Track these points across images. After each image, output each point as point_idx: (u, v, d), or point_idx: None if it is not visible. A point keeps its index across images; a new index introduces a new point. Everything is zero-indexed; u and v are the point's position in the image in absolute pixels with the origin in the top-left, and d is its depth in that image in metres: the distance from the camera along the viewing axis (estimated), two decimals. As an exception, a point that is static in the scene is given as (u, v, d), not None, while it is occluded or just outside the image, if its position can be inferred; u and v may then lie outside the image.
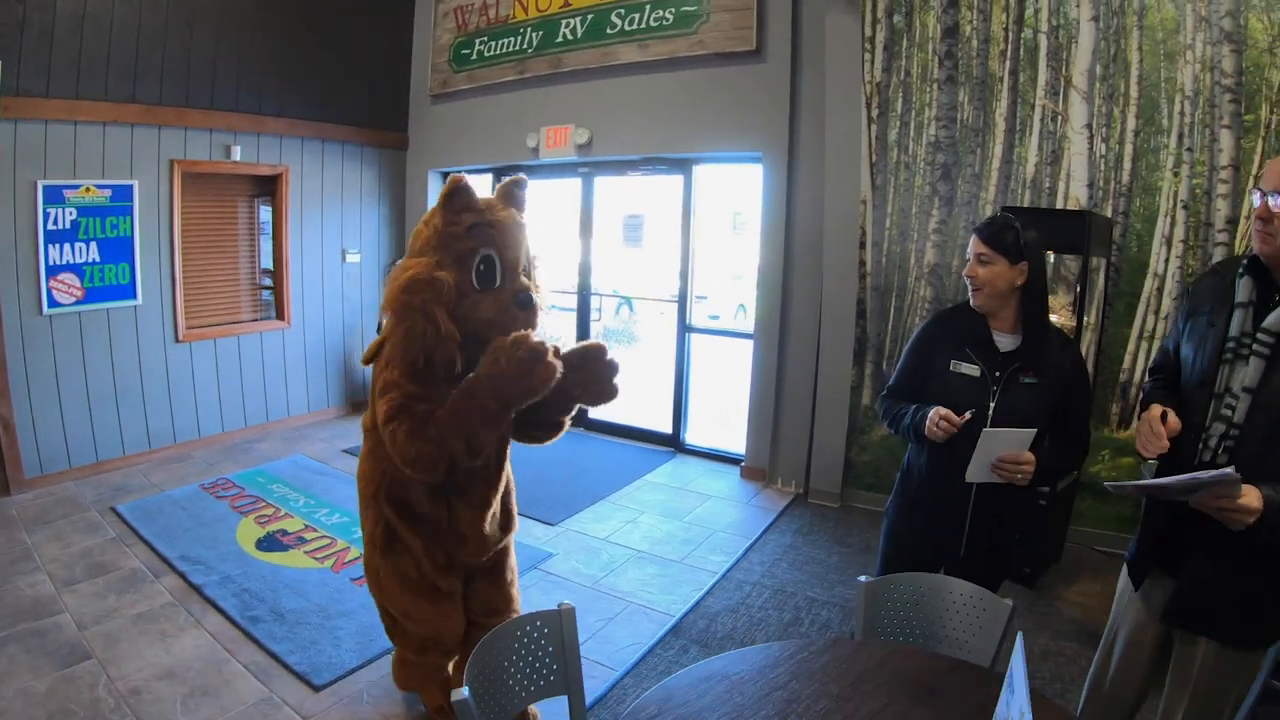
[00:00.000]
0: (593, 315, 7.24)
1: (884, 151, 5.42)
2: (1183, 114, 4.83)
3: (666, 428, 6.79)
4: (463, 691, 1.68)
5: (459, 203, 2.58)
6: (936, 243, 5.38)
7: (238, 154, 6.17)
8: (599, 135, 6.44)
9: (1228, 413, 1.97)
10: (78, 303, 5.39)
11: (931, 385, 2.55)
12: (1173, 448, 2.02)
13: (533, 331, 2.58)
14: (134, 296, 5.68)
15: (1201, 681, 2.11)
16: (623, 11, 6.08)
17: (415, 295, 2.44)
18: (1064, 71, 5.04)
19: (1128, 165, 4.98)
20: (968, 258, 2.51)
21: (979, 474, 2.39)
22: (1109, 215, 4.94)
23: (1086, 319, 4.70)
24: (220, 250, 6.37)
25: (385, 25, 7.16)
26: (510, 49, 6.66)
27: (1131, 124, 4.95)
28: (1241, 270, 2.02)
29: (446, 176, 7.44)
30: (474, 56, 6.88)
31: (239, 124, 6.15)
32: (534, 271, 2.78)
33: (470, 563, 2.91)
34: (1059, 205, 5.08)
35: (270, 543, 4.58)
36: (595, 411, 6.54)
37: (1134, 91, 4.93)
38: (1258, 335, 1.93)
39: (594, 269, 7.05)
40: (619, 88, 6.28)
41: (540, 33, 6.48)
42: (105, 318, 5.57)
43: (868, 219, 5.49)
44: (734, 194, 6.96)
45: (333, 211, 6.95)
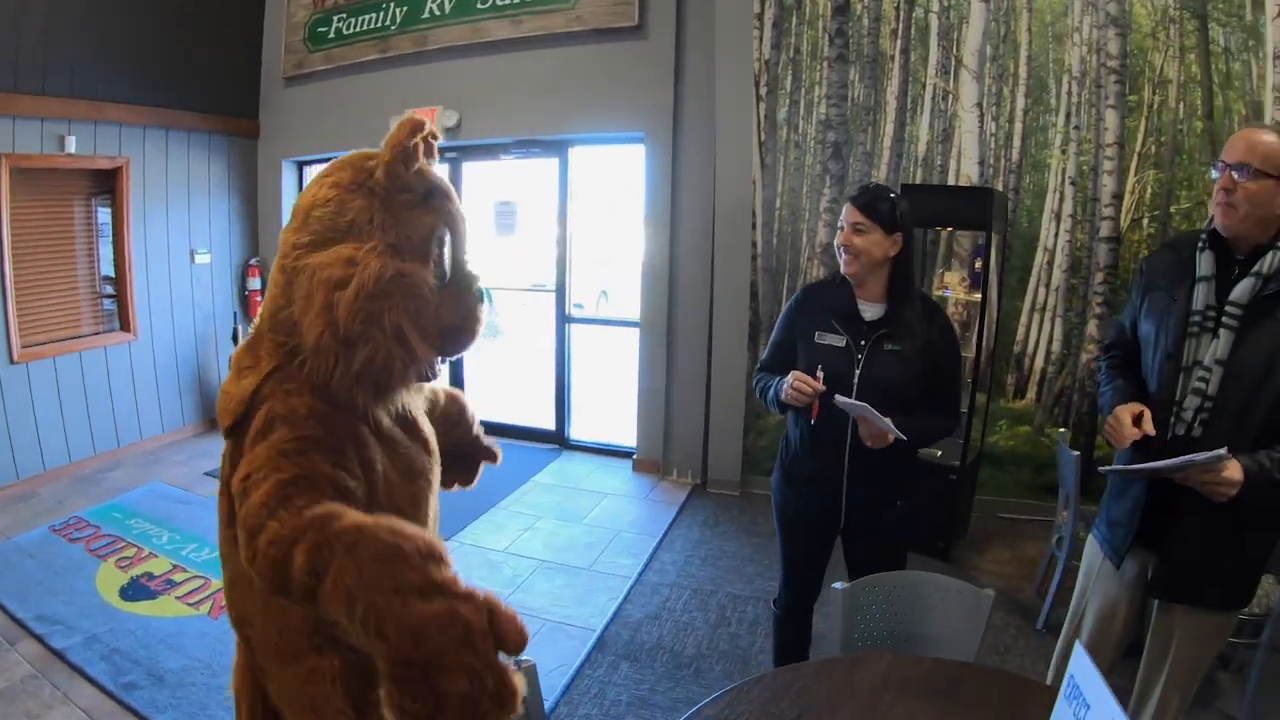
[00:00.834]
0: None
1: (773, 130, 5.25)
2: (1070, 94, 4.88)
3: (550, 424, 6.47)
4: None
5: (416, 159, 1.66)
6: (828, 221, 5.27)
7: (73, 145, 5.40)
8: (469, 117, 6.04)
9: (1201, 385, 1.99)
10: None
11: (800, 357, 2.55)
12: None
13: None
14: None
15: (1182, 647, 2.15)
16: (494, -16, 5.70)
17: (378, 303, 1.55)
18: (955, 51, 5.00)
19: (1017, 143, 5.00)
20: (841, 226, 2.48)
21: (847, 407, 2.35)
22: (992, 189, 4.92)
23: (988, 293, 4.70)
24: (56, 256, 5.60)
25: (235, 1, 6.54)
26: (371, 26, 6.16)
27: (1021, 103, 4.96)
28: (1202, 244, 2.06)
29: (302, 166, 6.94)
30: (332, 35, 6.34)
31: (74, 111, 5.39)
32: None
33: None
34: (950, 183, 5.06)
35: (136, 590, 4.04)
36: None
37: (1023, 72, 4.94)
38: (1225, 308, 1.97)
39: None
40: (490, 66, 5.88)
41: (404, 8, 6.02)
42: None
43: (757, 199, 5.33)
44: (606, 176, 6.61)
45: (179, 208, 6.25)
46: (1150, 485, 2.09)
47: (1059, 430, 4.39)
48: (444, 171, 6.12)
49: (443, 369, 1.82)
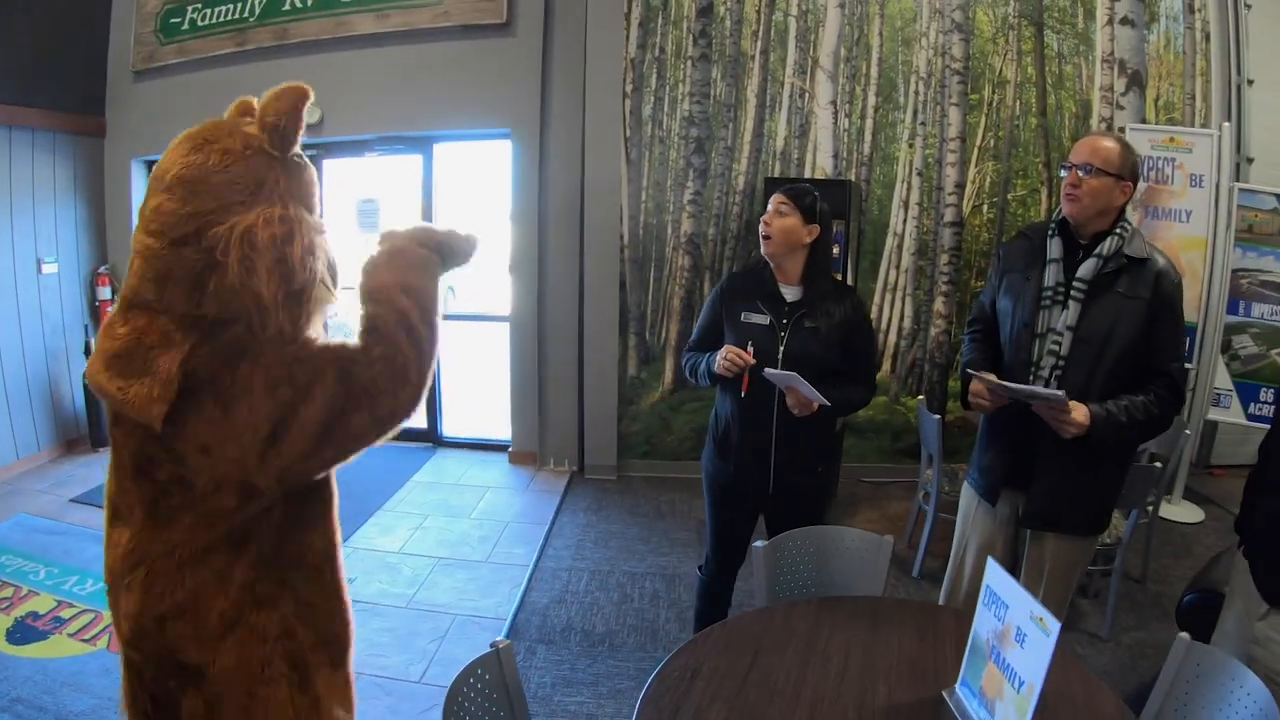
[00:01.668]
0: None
1: (639, 126, 5.45)
2: (917, 93, 5.36)
3: (421, 422, 6.36)
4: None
5: (303, 125, 1.73)
6: (692, 213, 5.53)
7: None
8: (331, 113, 5.85)
9: (1054, 348, 2.36)
10: None
11: (728, 336, 2.77)
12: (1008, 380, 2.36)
13: None
14: None
15: (1054, 570, 2.49)
16: (359, -22, 5.57)
17: (316, 255, 1.69)
18: (812, 52, 5.36)
19: (869, 138, 5.42)
20: (768, 209, 2.72)
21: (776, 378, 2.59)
22: (851, 181, 5.30)
23: (845, 276, 5.00)
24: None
25: None
26: (229, 18, 5.86)
27: (872, 101, 5.39)
28: (1051, 232, 2.43)
29: (152, 166, 6.59)
30: (186, 26, 5.98)
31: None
32: None
33: None
34: (807, 175, 5.43)
35: (23, 632, 3.74)
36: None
37: (874, 72, 5.37)
38: (1073, 284, 2.34)
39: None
40: (355, 61, 5.75)
41: (264, 0, 5.81)
42: None
43: (623, 193, 5.51)
44: (471, 172, 6.61)
45: (24, 213, 5.74)
46: (1014, 434, 2.44)
47: (919, 399, 4.79)
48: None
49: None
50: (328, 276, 1.74)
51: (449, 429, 6.44)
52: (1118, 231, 2.33)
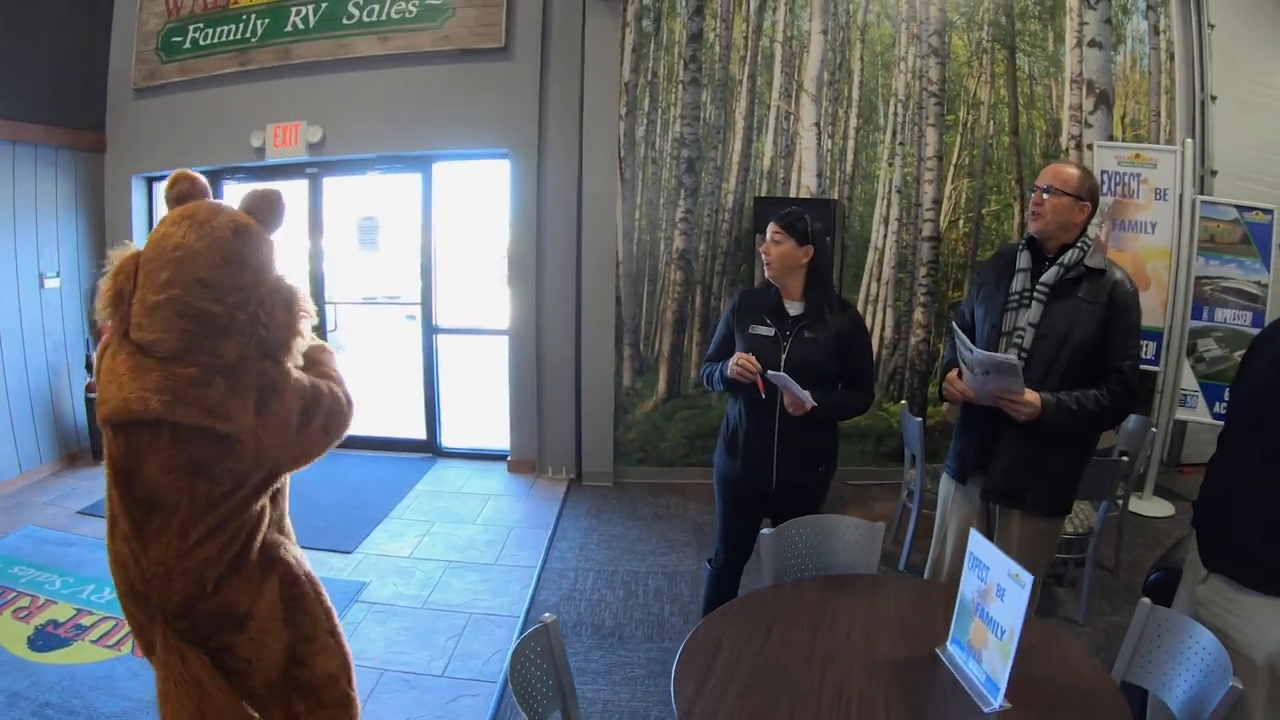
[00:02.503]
0: (329, 326, 6.75)
1: (632, 147, 5.66)
2: (896, 114, 5.64)
3: (420, 433, 6.56)
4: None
5: None
6: (684, 230, 5.74)
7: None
8: (333, 133, 6.05)
9: (1018, 342, 2.66)
10: None
11: (738, 347, 3.06)
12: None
13: None
14: None
15: (1021, 547, 2.71)
16: (361, 1, 5.75)
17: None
18: (796, 77, 5.63)
19: (850, 158, 5.68)
20: (766, 238, 3.01)
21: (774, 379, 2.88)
22: (835, 199, 5.60)
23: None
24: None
25: (79, 6, 6.10)
26: (231, 37, 6.01)
27: (854, 123, 5.65)
28: (1021, 246, 2.77)
29: (152, 182, 6.72)
30: (187, 45, 6.12)
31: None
32: None
33: None
34: (793, 194, 5.67)
35: (45, 639, 3.76)
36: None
37: (856, 95, 5.64)
38: (1036, 287, 2.66)
39: (327, 276, 6.58)
40: (356, 82, 5.93)
41: (266, 20, 5.92)
42: None
43: (618, 211, 5.70)
44: (470, 190, 6.75)
45: (26, 229, 5.81)
46: (982, 424, 2.74)
47: (901, 403, 5.03)
48: (305, 187, 6.15)
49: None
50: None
51: (448, 440, 6.59)
52: (1079, 245, 2.65)
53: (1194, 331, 5.39)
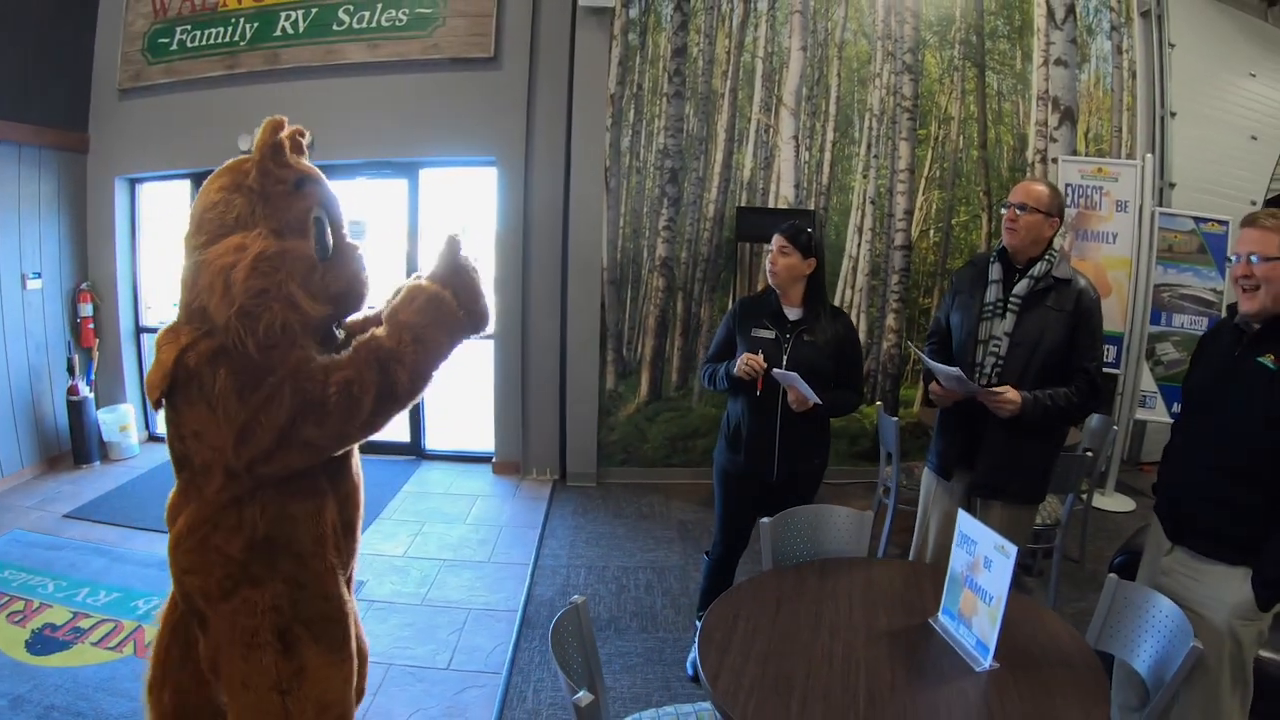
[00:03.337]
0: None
1: (617, 157, 5.80)
2: (871, 128, 5.87)
3: (404, 436, 6.63)
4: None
5: (282, 155, 2.03)
6: (666, 238, 5.90)
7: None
8: (321, 138, 6.04)
9: (995, 350, 2.89)
10: None
11: (740, 348, 3.27)
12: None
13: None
14: None
15: (1001, 533, 2.83)
16: (351, 8, 5.81)
17: (267, 277, 1.89)
18: (776, 91, 5.83)
19: (827, 170, 5.89)
20: (770, 248, 3.22)
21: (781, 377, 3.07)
22: (813, 210, 5.82)
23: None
24: None
25: (65, 5, 6.07)
26: (219, 40, 6.02)
27: (830, 136, 5.87)
28: (993, 259, 3.00)
29: (135, 184, 6.75)
30: (174, 47, 6.11)
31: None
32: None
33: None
34: (771, 204, 5.86)
35: (44, 643, 3.73)
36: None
37: (833, 109, 5.86)
38: (1009, 299, 2.89)
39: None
40: (345, 88, 5.99)
41: (255, 24, 5.95)
42: None
43: (603, 219, 5.84)
44: (457, 196, 6.82)
45: (8, 229, 5.77)
46: (964, 423, 2.96)
47: (876, 405, 5.21)
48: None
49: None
50: (304, 295, 1.97)
51: (432, 442, 6.66)
52: (1047, 257, 2.88)
53: (1153, 336, 5.69)
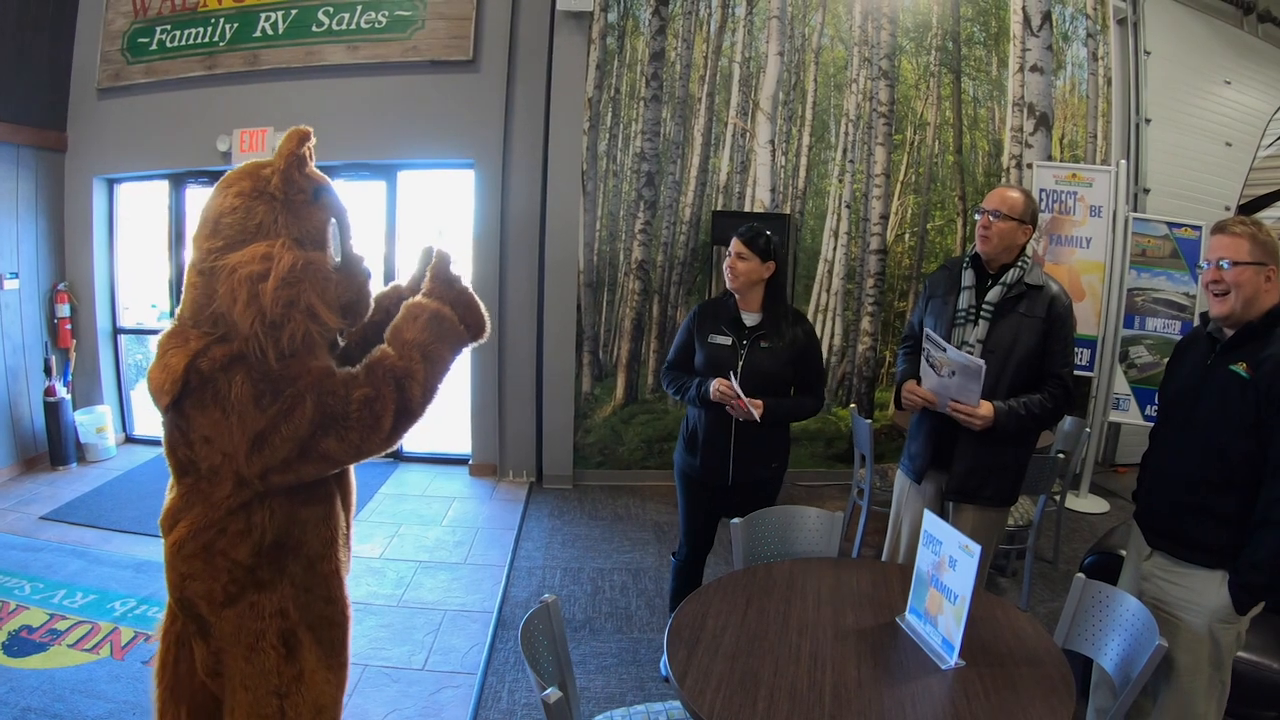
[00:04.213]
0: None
1: (594, 161, 5.82)
2: (847, 133, 5.92)
3: (380, 438, 6.56)
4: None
5: (306, 165, 2.02)
6: (643, 241, 5.93)
7: None
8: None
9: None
10: None
11: (697, 354, 3.25)
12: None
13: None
14: None
15: (974, 536, 2.88)
16: (330, 10, 5.80)
17: (293, 289, 1.87)
18: (753, 96, 5.87)
19: (803, 174, 5.94)
20: (729, 253, 3.15)
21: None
22: (788, 214, 5.84)
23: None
24: None
25: (44, 3, 5.98)
26: (199, 40, 5.99)
27: (806, 141, 5.91)
28: (966, 264, 3.00)
29: (114, 184, 6.72)
30: (154, 46, 6.08)
31: None
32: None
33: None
34: (748, 208, 5.90)
35: (19, 645, 3.70)
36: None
37: (809, 115, 5.91)
38: (982, 306, 2.90)
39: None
40: (325, 89, 5.98)
41: (235, 25, 5.93)
42: None
43: (579, 222, 5.86)
44: (434, 198, 6.80)
45: None
46: (936, 428, 2.97)
47: (850, 407, 5.26)
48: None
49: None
50: (323, 307, 1.96)
51: (408, 444, 6.57)
52: (1019, 264, 2.90)
53: (1126, 339, 5.77)
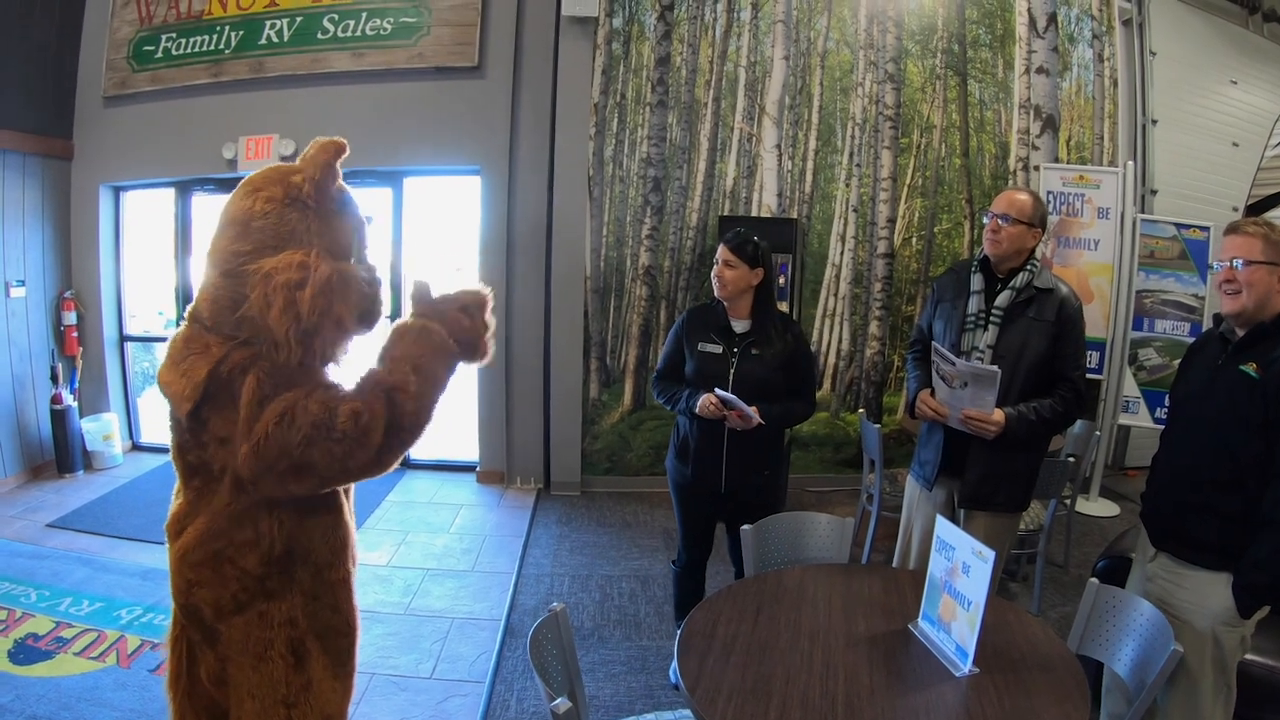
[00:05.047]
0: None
1: (600, 166, 5.81)
2: (853, 137, 5.90)
3: (388, 445, 6.54)
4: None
5: (338, 176, 2.06)
6: (649, 247, 5.91)
7: None
8: (306, 146, 6.00)
9: (979, 361, 2.82)
10: None
11: (688, 362, 3.22)
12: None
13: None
14: None
15: (987, 542, 2.85)
16: (336, 17, 5.81)
17: (327, 298, 1.89)
18: (759, 100, 5.86)
19: (809, 178, 5.92)
20: (716, 261, 3.13)
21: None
22: (795, 218, 5.81)
23: (791, 304, 5.51)
24: None
25: (48, 10, 5.98)
26: (204, 48, 6.00)
27: (813, 145, 5.90)
28: (974, 268, 2.96)
29: (120, 192, 6.72)
30: (159, 54, 6.08)
31: None
32: None
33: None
34: (754, 213, 5.88)
35: (26, 652, 3.69)
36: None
37: (815, 119, 5.89)
38: (991, 311, 2.86)
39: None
40: (330, 97, 5.98)
41: (240, 32, 5.93)
42: None
43: (586, 228, 5.85)
44: (440, 205, 6.79)
45: None
46: (948, 434, 2.92)
47: (859, 412, 5.25)
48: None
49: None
50: (349, 318, 1.97)
51: (415, 451, 6.57)
52: (1028, 267, 2.86)
53: (1135, 342, 5.74)
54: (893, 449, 5.67)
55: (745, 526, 2.73)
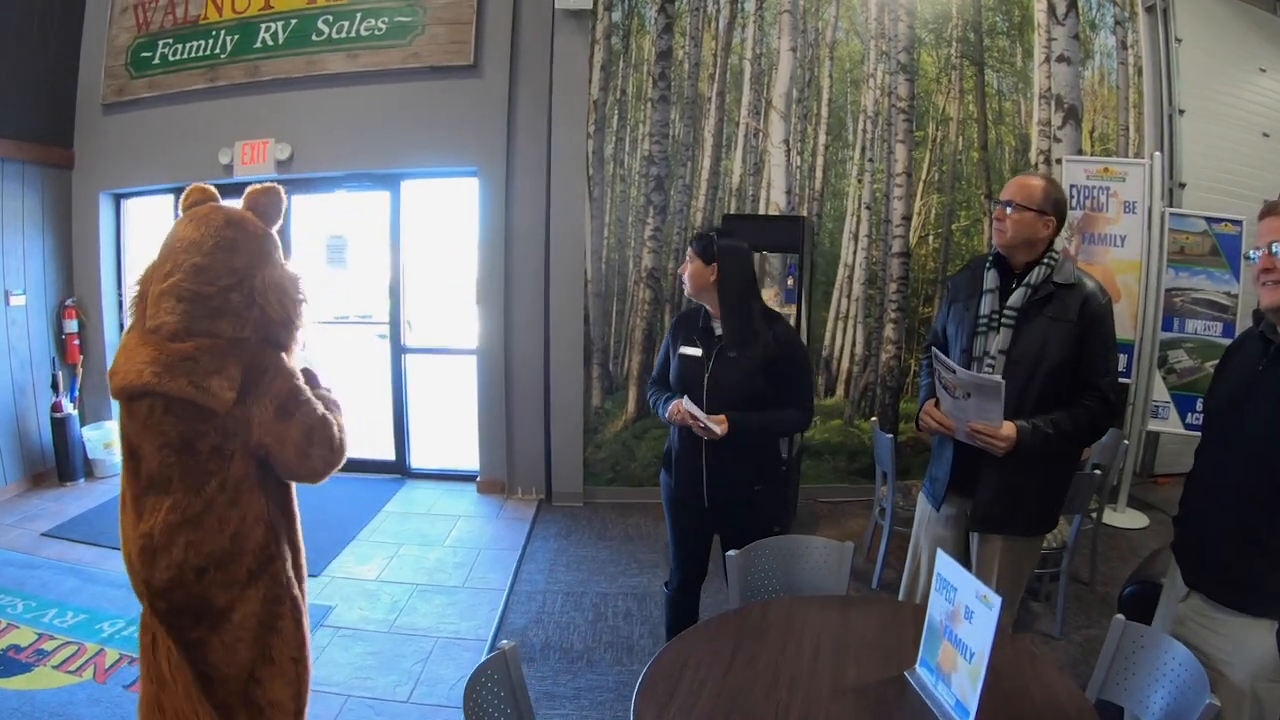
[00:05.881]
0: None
1: (600, 165, 5.64)
2: (865, 131, 5.66)
3: (389, 454, 6.47)
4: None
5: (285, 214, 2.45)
6: (652, 248, 5.73)
7: None
8: (301, 150, 5.97)
9: (990, 368, 2.57)
10: None
11: (672, 367, 3.09)
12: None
13: None
14: None
15: (1003, 567, 2.64)
16: (330, 18, 5.69)
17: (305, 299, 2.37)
18: (765, 94, 5.64)
19: (819, 174, 5.69)
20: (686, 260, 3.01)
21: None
22: (804, 216, 5.54)
23: (801, 305, 5.23)
24: None
25: (47, 19, 5.96)
26: (200, 53, 5.94)
27: (822, 139, 5.67)
28: (988, 264, 2.68)
29: (120, 199, 6.64)
30: (157, 60, 6.04)
31: None
32: None
33: None
34: (762, 211, 5.67)
35: (6, 664, 3.66)
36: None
37: (824, 112, 5.66)
38: (1005, 311, 2.57)
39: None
40: (325, 99, 5.88)
41: (236, 36, 5.85)
42: None
43: (586, 229, 5.68)
44: (438, 208, 6.67)
45: None
46: (959, 448, 2.65)
47: (871, 420, 5.02)
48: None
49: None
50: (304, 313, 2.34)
51: (416, 460, 6.51)
52: (1046, 261, 2.57)
53: (1165, 343, 5.42)
54: (908, 458, 5.44)
55: (730, 552, 2.52)
